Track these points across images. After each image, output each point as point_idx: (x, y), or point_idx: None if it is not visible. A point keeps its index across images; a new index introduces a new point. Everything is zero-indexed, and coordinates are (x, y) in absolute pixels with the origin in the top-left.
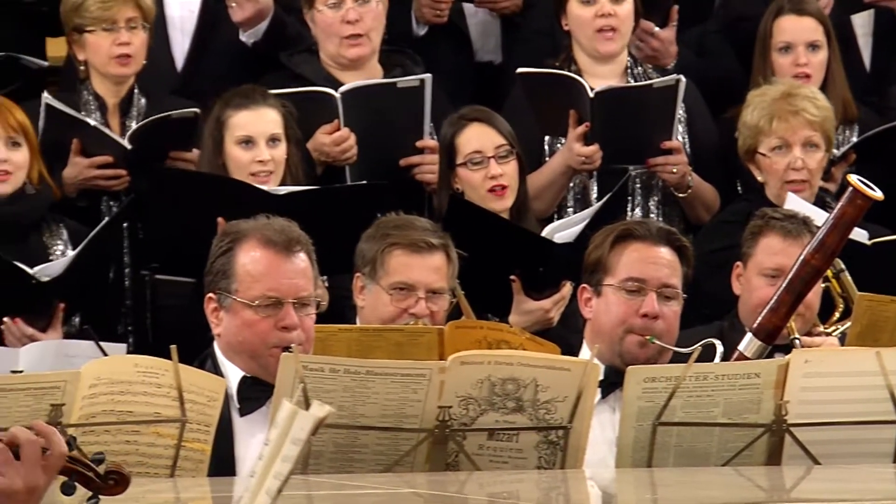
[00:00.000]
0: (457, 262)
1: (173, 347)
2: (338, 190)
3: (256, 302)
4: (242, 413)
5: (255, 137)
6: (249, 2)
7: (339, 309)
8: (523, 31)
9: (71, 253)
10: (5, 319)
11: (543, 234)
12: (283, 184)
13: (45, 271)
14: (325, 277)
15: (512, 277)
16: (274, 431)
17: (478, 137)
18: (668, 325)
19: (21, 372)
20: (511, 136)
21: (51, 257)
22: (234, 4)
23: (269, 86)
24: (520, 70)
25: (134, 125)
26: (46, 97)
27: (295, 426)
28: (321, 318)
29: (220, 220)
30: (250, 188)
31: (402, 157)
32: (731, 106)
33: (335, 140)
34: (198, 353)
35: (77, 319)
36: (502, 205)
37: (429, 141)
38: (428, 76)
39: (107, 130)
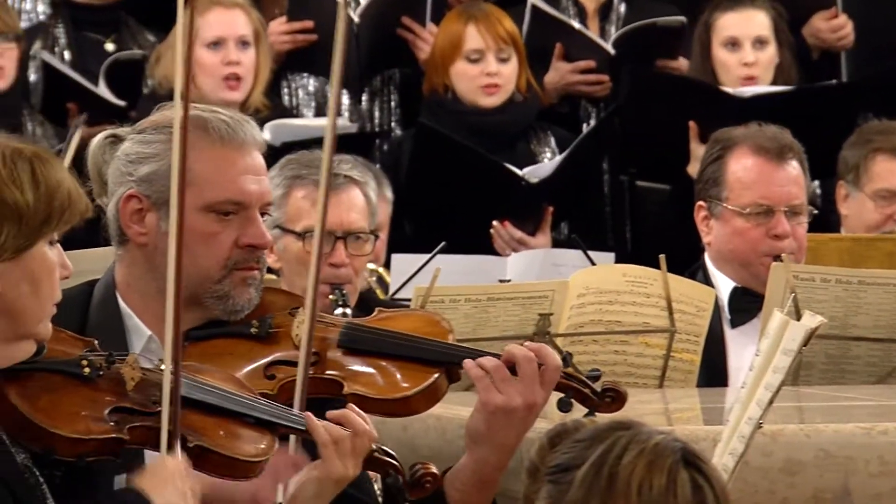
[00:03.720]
0: None
1: (662, 257)
2: (807, 91)
3: (747, 210)
4: (734, 325)
5: (740, 39)
6: None
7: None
8: None
9: (561, 155)
10: (495, 223)
11: None
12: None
13: (534, 173)
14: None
15: None
16: (765, 342)
17: None
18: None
19: (509, 281)
20: None
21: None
22: None
23: None
24: None
25: (613, 31)
26: (534, 0)
27: (786, 337)
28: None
29: (691, 123)
30: (716, 91)
31: None
32: None
33: (832, 27)
34: (676, 260)
35: (565, 228)
36: None
37: None
38: None
39: (590, 34)
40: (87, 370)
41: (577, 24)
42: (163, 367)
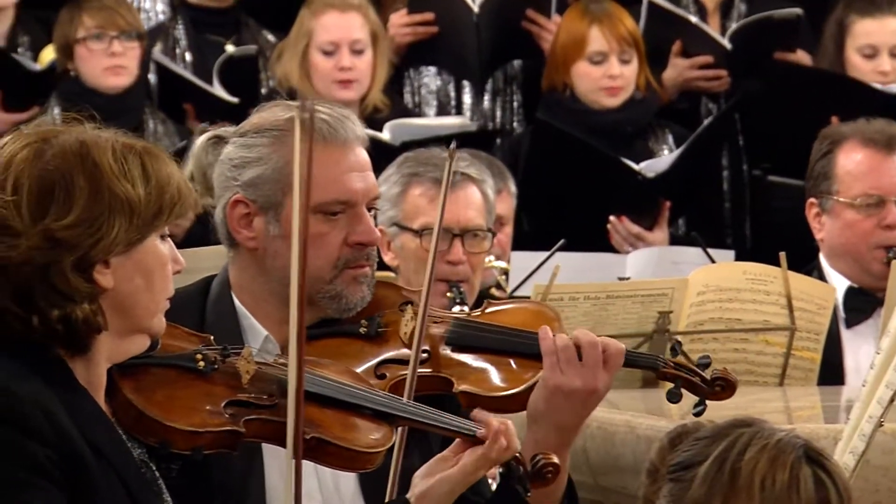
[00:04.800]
0: None
1: (782, 254)
2: None
3: (858, 200)
4: (848, 325)
5: (878, 48)
6: None
7: None
8: None
9: (678, 150)
10: (612, 218)
11: None
12: None
13: (651, 167)
14: None
15: None
16: (885, 340)
17: None
18: None
19: (628, 278)
20: None
21: None
22: None
23: None
24: None
25: (734, 27)
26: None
27: None
28: None
29: (833, 119)
30: (862, 86)
31: None
32: None
33: None
34: (797, 259)
35: (683, 224)
36: None
37: None
38: None
39: (707, 29)
40: (201, 364)
41: (693, 19)
42: (281, 360)
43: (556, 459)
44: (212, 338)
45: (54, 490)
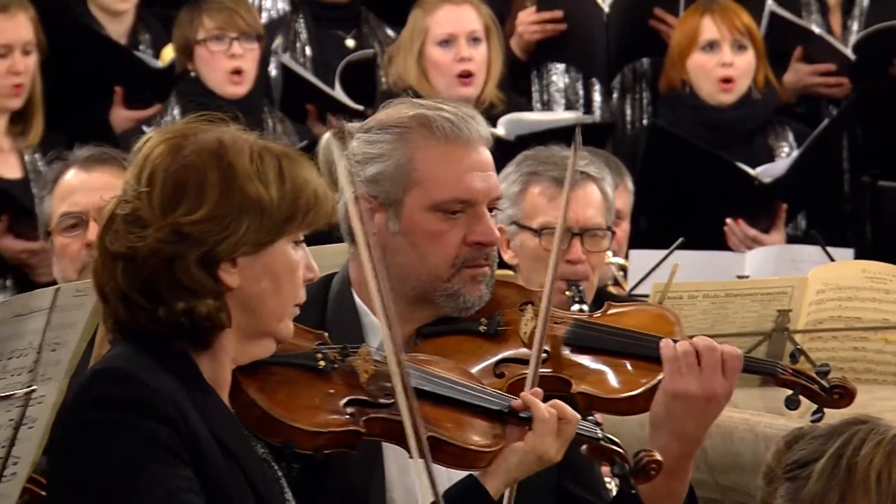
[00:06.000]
0: None
1: None
2: None
3: None
4: None
5: None
6: None
7: None
8: None
9: (794, 154)
10: (728, 220)
11: None
12: None
13: (766, 172)
14: None
15: None
16: None
17: None
18: None
19: (747, 277)
20: None
21: (776, 159)
22: None
23: None
24: None
25: (855, 26)
26: (771, 5)
27: None
28: None
29: None
30: None
31: None
32: None
33: None
34: None
35: (802, 222)
36: None
37: None
38: None
39: (831, 39)
40: (322, 363)
41: (816, 29)
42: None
43: (659, 457)
44: (326, 335)
45: (182, 466)
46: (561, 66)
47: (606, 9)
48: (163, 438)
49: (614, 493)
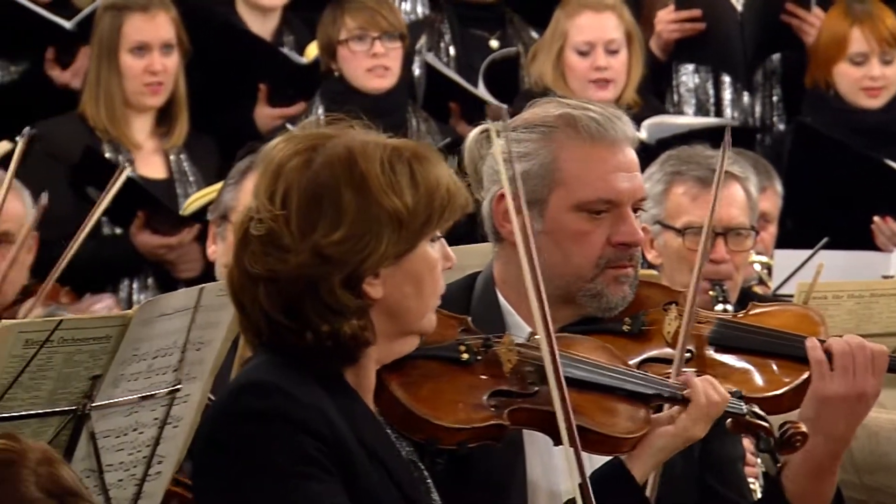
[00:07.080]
0: None
1: None
2: None
3: None
4: None
5: None
6: None
7: None
8: None
9: None
10: (876, 218)
11: None
12: None
13: None
14: None
15: None
16: None
17: None
18: None
19: (892, 277)
20: None
21: None
22: None
23: None
24: None
25: None
26: None
27: None
28: None
29: None
30: None
31: None
32: None
33: None
34: None
35: None
36: None
37: None
38: None
39: None
40: (465, 355)
41: None
42: (536, 337)
43: (804, 428)
44: (469, 319)
45: (332, 480)
46: (690, 66)
47: (739, 7)
48: (311, 452)
49: (758, 494)
